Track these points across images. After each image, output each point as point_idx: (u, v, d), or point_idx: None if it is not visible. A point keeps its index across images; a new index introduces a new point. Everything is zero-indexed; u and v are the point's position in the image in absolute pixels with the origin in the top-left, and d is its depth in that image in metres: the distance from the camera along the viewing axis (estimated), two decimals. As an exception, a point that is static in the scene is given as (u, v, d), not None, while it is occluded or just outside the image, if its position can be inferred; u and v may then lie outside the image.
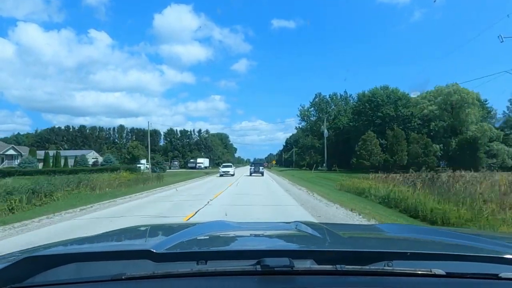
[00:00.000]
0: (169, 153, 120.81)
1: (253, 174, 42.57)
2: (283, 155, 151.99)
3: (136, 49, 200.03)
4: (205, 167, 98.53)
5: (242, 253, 1.28)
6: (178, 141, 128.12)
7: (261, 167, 45.36)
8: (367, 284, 1.12)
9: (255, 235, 1.86)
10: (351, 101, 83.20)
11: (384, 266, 1.16)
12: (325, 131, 65.16)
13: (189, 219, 9.91)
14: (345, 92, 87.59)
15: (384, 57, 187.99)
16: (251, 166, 48.79)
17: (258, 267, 1.11)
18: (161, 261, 1.17)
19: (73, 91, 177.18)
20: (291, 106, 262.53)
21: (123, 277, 1.10)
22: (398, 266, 1.15)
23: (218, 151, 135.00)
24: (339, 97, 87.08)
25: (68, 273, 1.16)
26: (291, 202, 14.46)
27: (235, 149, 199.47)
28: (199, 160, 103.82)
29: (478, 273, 1.15)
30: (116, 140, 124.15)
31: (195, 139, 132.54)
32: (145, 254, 1.19)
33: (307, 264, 1.18)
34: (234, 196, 17.19)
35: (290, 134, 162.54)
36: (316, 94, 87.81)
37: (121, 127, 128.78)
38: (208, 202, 14.10)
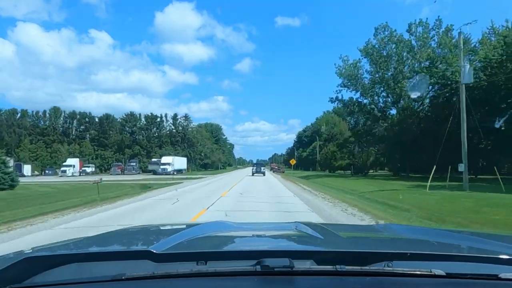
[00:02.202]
0: (125, 150, 79.88)
1: (255, 174, 46.53)
2: (296, 153, 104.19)
3: (137, 49, 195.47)
4: (176, 171, 59.07)
5: (242, 253, 1.28)
6: (142, 131, 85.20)
7: (262, 168, 50.81)
8: (367, 284, 1.11)
9: (255, 236, 1.84)
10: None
11: (384, 266, 1.16)
12: (466, 67, 19.61)
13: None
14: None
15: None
16: (253, 167, 53.60)
17: (258, 268, 1.11)
18: (161, 261, 1.17)
19: (75, 92, 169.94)
20: (295, 107, 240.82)
21: (123, 278, 1.10)
22: (398, 267, 1.15)
23: (204, 148, 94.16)
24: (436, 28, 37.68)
25: (69, 273, 1.16)
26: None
27: (232, 146, 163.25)
28: (164, 159, 63.37)
29: (478, 273, 1.15)
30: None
31: (169, 130, 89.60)
32: (145, 255, 1.19)
33: (307, 265, 1.18)
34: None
35: (303, 128, 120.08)
36: (376, 28, 40.59)
37: (55, 110, 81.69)
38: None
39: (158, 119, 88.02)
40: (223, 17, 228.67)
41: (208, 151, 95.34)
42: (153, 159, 69.27)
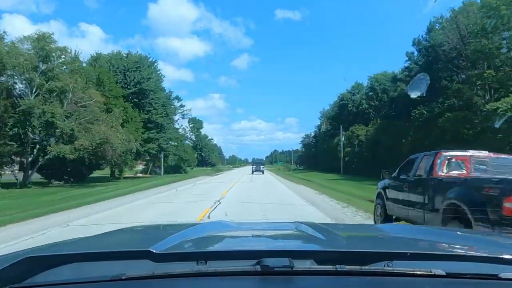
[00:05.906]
0: None
1: (254, 173, 47.56)
2: (343, 138, 51.88)
3: (131, 43, 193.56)
4: None
5: (242, 253, 1.28)
6: None
7: (261, 166, 51.80)
8: (367, 284, 1.12)
9: (255, 235, 1.84)
10: None
11: (384, 266, 1.16)
12: None
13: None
14: None
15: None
16: (252, 165, 55.00)
17: (258, 267, 1.11)
18: (161, 261, 1.17)
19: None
20: (293, 105, 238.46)
21: (123, 277, 1.10)
22: (398, 266, 1.15)
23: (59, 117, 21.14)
24: None
25: (68, 273, 1.17)
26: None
27: (199, 123, 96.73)
28: None
29: (478, 273, 1.15)
30: None
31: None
32: (145, 254, 1.19)
33: (307, 265, 1.19)
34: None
35: (347, 89, 61.34)
36: None
37: None
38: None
39: None
40: (220, 10, 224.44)
41: (73, 124, 23.15)
42: None
